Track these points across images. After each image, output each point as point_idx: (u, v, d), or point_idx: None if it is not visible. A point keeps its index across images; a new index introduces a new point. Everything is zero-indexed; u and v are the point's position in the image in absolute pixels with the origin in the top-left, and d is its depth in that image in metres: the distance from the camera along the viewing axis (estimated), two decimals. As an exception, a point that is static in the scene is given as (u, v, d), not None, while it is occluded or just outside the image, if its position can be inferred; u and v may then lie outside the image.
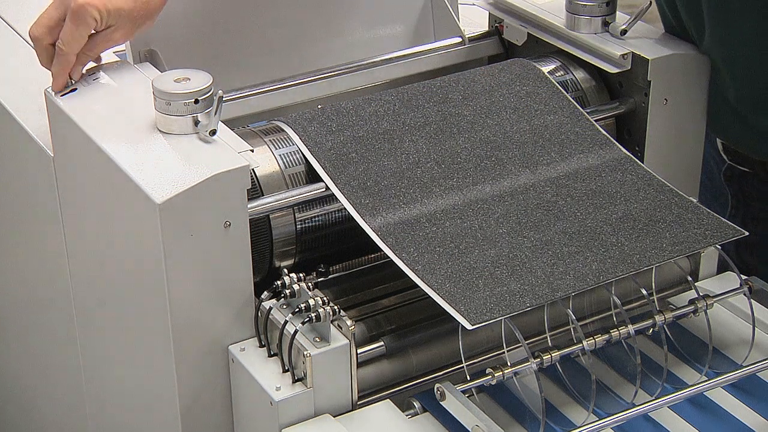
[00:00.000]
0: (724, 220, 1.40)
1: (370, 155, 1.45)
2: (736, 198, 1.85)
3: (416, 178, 1.44)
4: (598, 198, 1.44)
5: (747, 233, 1.39)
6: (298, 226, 1.44)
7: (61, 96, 1.46)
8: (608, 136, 1.53)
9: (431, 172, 1.45)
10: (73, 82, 1.47)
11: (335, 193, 1.41)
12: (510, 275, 1.32)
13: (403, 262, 1.33)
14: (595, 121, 1.56)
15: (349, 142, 1.46)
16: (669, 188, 1.46)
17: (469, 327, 1.24)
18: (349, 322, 1.29)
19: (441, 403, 1.28)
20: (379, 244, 1.36)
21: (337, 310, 1.30)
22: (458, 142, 1.49)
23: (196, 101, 1.36)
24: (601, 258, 1.34)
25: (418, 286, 1.31)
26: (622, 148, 1.52)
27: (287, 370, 1.30)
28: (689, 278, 1.42)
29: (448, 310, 1.27)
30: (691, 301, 1.40)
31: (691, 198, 1.44)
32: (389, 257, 1.35)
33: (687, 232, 1.38)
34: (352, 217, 1.39)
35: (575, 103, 1.56)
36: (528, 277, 1.31)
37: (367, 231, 1.37)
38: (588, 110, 1.58)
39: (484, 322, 1.25)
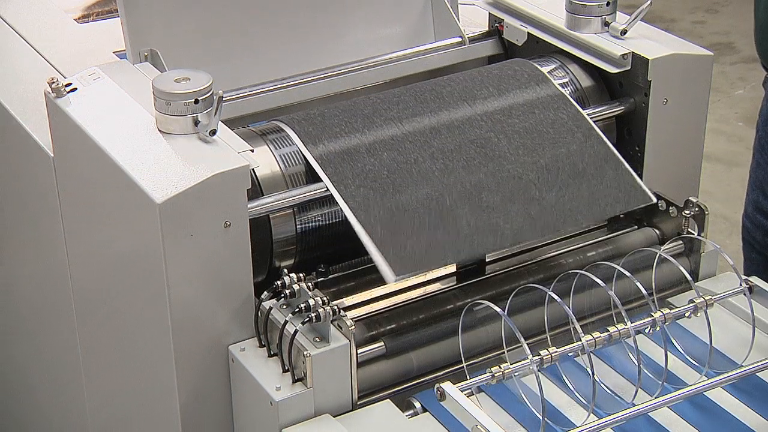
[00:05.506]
0: (638, 182, 1.46)
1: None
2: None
3: (361, 113, 1.48)
4: (528, 138, 1.48)
5: (655, 200, 1.47)
6: (298, 227, 1.44)
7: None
8: (546, 74, 1.57)
9: (374, 105, 1.49)
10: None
11: (332, 192, 1.41)
12: (438, 222, 1.38)
13: (340, 195, 1.38)
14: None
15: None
16: (596, 134, 1.50)
17: (392, 278, 1.32)
18: (349, 322, 1.29)
19: (441, 403, 1.28)
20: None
21: (337, 310, 1.30)
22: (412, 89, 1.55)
23: (196, 101, 1.35)
24: (523, 214, 1.41)
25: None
26: (557, 86, 1.55)
27: (287, 370, 1.30)
28: (689, 278, 1.42)
29: (376, 259, 1.34)
30: (691, 301, 1.40)
31: (613, 150, 1.49)
32: (328, 189, 1.39)
33: (605, 189, 1.45)
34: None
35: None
36: (452, 227, 1.38)
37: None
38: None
39: (406, 274, 1.34)
